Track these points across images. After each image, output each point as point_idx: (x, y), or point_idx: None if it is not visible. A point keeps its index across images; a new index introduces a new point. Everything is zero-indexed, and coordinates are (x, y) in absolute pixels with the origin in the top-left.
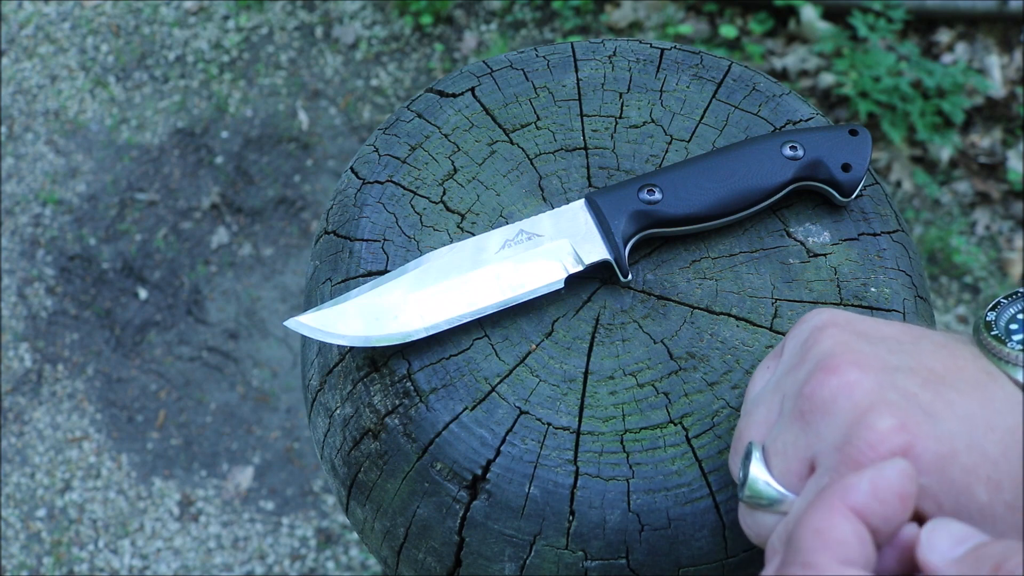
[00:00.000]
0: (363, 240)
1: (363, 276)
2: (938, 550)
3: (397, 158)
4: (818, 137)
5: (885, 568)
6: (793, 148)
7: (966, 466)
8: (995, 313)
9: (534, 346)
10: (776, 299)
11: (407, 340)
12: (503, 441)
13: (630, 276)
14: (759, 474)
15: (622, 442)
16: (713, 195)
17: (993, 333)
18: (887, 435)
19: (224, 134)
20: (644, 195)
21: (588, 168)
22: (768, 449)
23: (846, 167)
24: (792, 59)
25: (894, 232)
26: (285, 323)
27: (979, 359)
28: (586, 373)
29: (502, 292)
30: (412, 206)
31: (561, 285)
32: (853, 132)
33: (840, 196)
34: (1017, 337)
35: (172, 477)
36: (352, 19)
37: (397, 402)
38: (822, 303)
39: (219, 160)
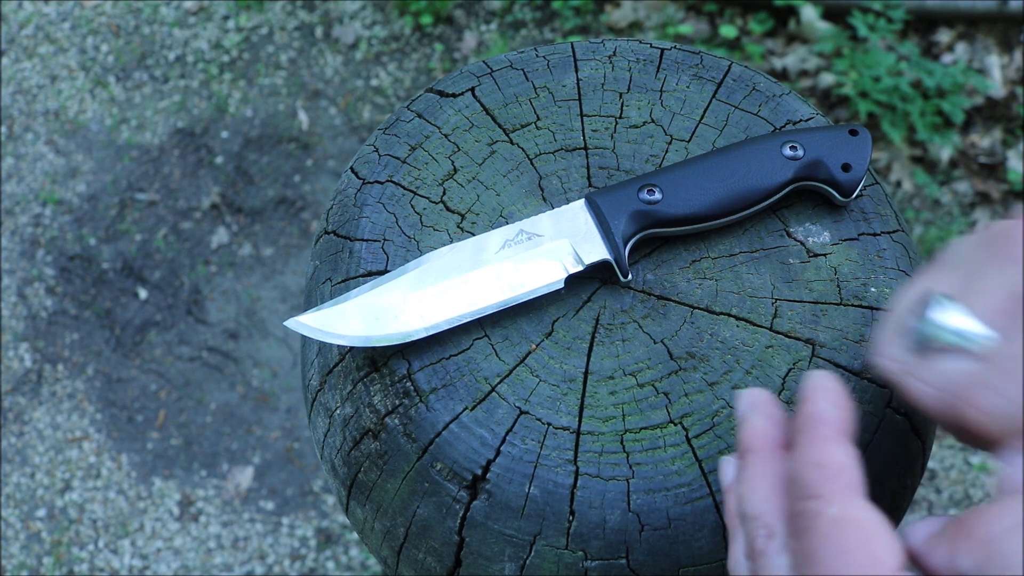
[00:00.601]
0: (363, 240)
1: (363, 276)
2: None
3: (397, 158)
4: (818, 137)
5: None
6: (793, 148)
7: None
8: None
9: (534, 346)
10: (776, 299)
11: (407, 340)
12: (503, 441)
13: (630, 276)
14: (955, 318)
15: (622, 442)
16: (713, 195)
17: None
18: None
19: (224, 134)
20: (644, 195)
21: (588, 168)
22: (958, 298)
23: (846, 167)
24: (792, 59)
25: (894, 232)
26: (285, 323)
27: None
28: (586, 373)
29: (502, 292)
30: (412, 206)
31: (561, 285)
32: (853, 132)
33: (840, 196)
34: None
35: (172, 477)
36: (352, 19)
37: (397, 402)
38: (822, 303)
39: (219, 160)
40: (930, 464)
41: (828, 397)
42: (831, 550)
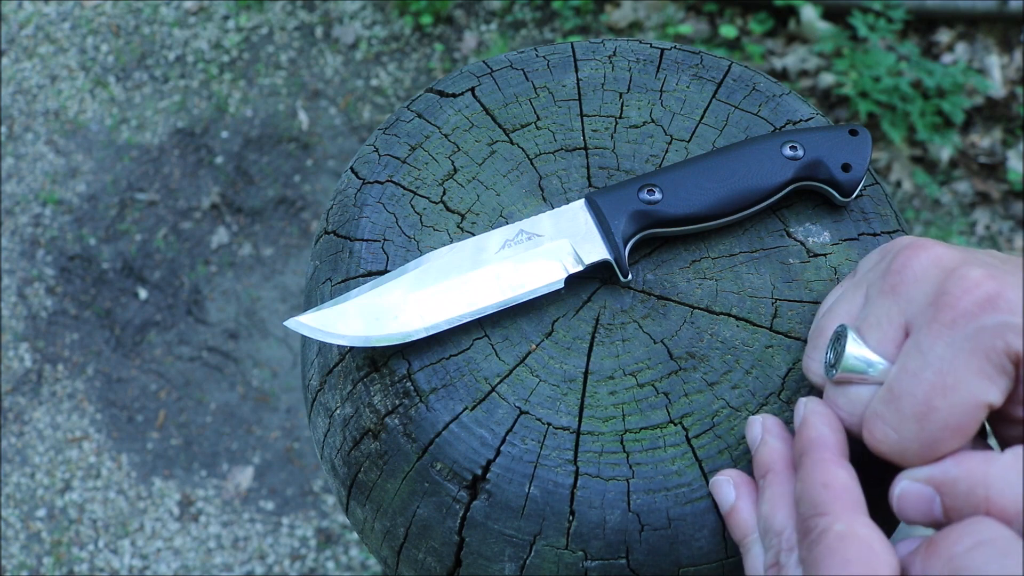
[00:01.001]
0: (363, 240)
1: (363, 276)
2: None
3: (397, 158)
4: (818, 137)
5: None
6: (793, 148)
7: None
8: None
9: (534, 346)
10: (776, 299)
11: (407, 340)
12: (503, 441)
13: (630, 276)
14: (854, 349)
15: (622, 442)
16: (713, 195)
17: None
18: (979, 280)
19: (224, 134)
20: (644, 195)
21: (588, 168)
22: (860, 328)
23: (846, 167)
24: (792, 59)
25: (894, 232)
26: (285, 323)
27: None
28: (586, 373)
29: (502, 292)
30: (412, 206)
31: (561, 285)
32: (853, 132)
33: (840, 196)
34: None
35: (172, 477)
36: (352, 19)
37: (397, 402)
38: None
39: (219, 160)
40: None
41: (826, 422)
42: (836, 562)
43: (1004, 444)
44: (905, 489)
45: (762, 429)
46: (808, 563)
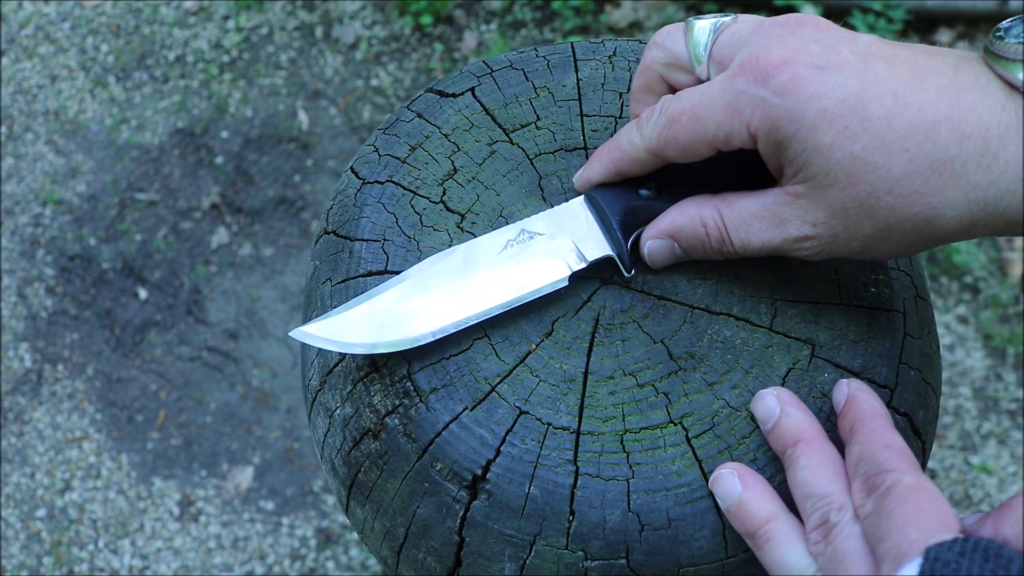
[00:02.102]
0: (363, 240)
1: (363, 276)
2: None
3: (397, 158)
4: None
5: None
6: None
7: (826, 109)
8: (1009, 22)
9: (534, 346)
10: (776, 299)
11: (414, 345)
12: (503, 441)
13: (633, 271)
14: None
15: (622, 442)
16: (711, 188)
17: (996, 35)
18: (774, 57)
19: (224, 134)
20: (644, 190)
21: None
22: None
23: None
24: None
25: None
26: (291, 334)
27: (964, 67)
28: (586, 373)
29: (507, 293)
30: (412, 206)
31: (566, 283)
32: None
33: None
34: (1016, 31)
35: (172, 477)
36: (352, 19)
37: (397, 402)
38: (823, 303)
39: (219, 160)
40: (930, 464)
41: (874, 397)
42: (909, 509)
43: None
44: (651, 246)
45: (778, 402)
46: (877, 513)
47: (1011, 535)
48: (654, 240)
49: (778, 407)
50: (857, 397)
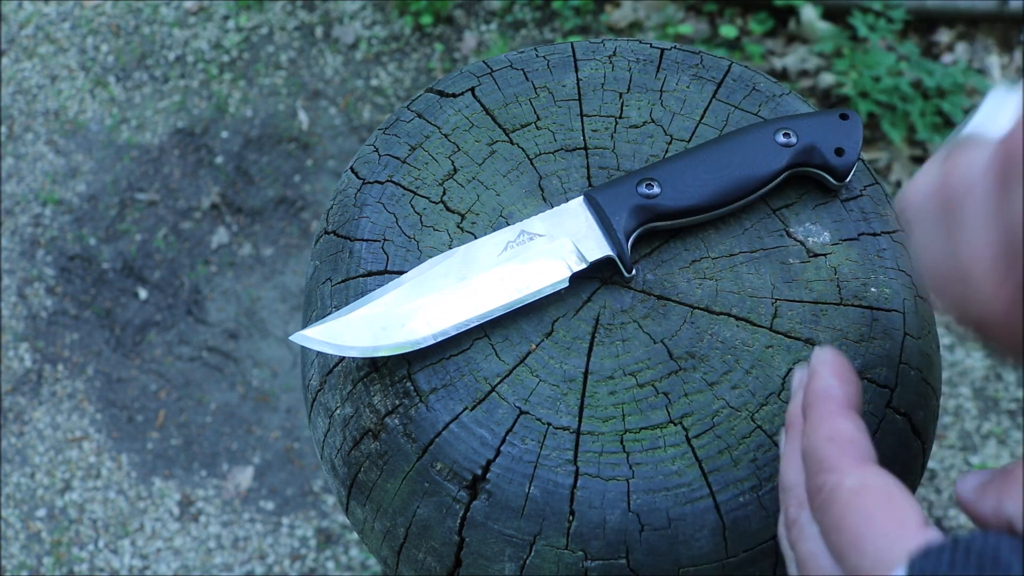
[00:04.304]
0: (363, 240)
1: (363, 276)
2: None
3: (397, 158)
4: (810, 123)
5: None
6: (786, 135)
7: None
8: None
9: (534, 346)
10: (776, 299)
11: (416, 348)
12: (503, 441)
13: (634, 271)
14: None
15: (622, 442)
16: (711, 186)
17: None
18: None
19: (224, 134)
20: (643, 189)
21: (588, 168)
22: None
23: (839, 151)
24: (792, 59)
25: (894, 232)
26: (291, 338)
27: None
28: (586, 373)
29: (508, 295)
30: (412, 206)
31: (566, 284)
32: (843, 116)
33: (834, 180)
34: None
35: (172, 477)
36: (352, 19)
37: (397, 402)
38: (822, 303)
39: (219, 160)
40: (930, 464)
41: (833, 372)
42: (857, 518)
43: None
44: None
45: (798, 383)
46: (827, 525)
47: (1014, 513)
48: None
49: (795, 390)
50: (814, 373)
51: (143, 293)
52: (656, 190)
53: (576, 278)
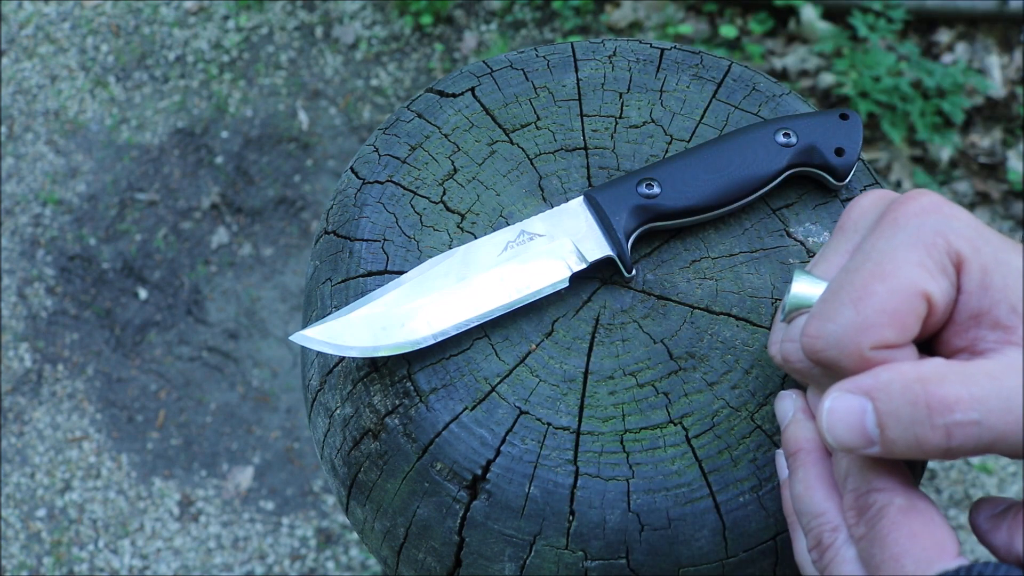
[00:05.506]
0: (363, 240)
1: (363, 276)
2: None
3: (397, 158)
4: (810, 123)
5: None
6: (787, 135)
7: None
8: None
9: (534, 346)
10: (776, 299)
11: (416, 348)
12: (503, 441)
13: (634, 272)
14: (800, 284)
15: (622, 442)
16: (711, 186)
17: None
18: (924, 193)
19: (224, 134)
20: (643, 189)
21: (588, 168)
22: (810, 268)
23: (839, 151)
24: (792, 59)
25: None
26: (291, 338)
27: None
28: (586, 373)
29: (508, 295)
30: (412, 206)
31: (566, 284)
32: (843, 116)
33: (835, 180)
34: None
35: (172, 477)
36: (352, 19)
37: (397, 402)
38: None
39: (219, 160)
40: (930, 464)
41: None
42: (902, 534)
43: None
44: (835, 401)
45: (793, 407)
46: (870, 539)
47: None
48: (840, 395)
49: (791, 412)
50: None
51: (143, 293)
52: (656, 190)
53: (576, 278)
